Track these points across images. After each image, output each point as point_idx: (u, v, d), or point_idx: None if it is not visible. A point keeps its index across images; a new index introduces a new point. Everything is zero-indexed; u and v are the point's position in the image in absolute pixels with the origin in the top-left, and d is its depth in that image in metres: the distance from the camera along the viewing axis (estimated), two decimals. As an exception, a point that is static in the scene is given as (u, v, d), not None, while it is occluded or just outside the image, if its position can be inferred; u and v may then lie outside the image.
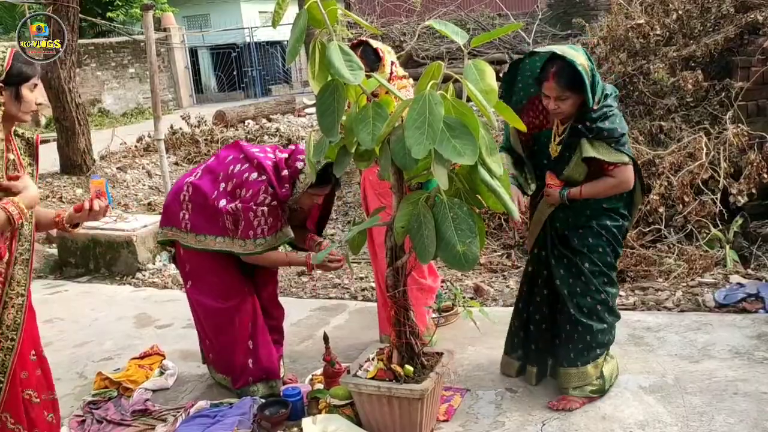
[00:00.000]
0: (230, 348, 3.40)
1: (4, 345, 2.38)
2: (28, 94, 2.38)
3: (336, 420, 2.96)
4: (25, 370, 2.46)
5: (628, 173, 2.97)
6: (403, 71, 3.64)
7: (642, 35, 6.14)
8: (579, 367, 3.13)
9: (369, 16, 12.16)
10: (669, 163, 5.19)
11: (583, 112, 2.93)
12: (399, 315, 2.85)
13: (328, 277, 5.44)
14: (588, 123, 2.92)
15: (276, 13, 2.45)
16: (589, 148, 2.93)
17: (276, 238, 3.22)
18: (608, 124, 2.90)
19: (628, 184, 3.00)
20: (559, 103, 2.90)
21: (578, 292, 3.11)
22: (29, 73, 2.38)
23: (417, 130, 2.29)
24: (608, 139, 2.91)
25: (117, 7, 20.41)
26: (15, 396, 2.43)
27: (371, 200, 3.78)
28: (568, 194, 3.05)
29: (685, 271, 4.62)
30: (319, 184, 3.21)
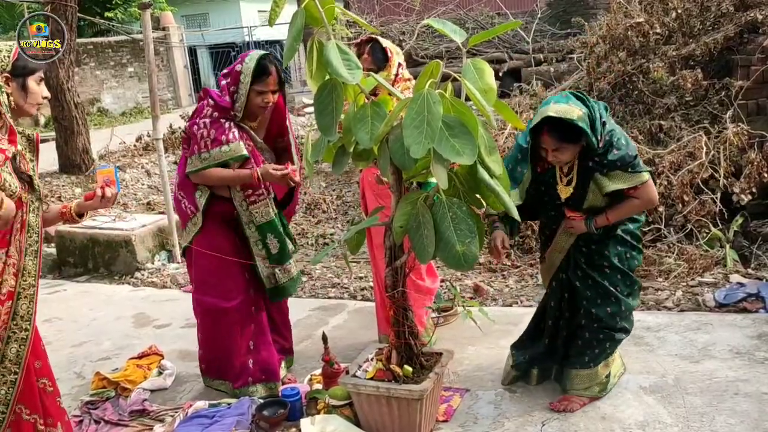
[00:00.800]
0: (230, 348, 3.39)
1: (19, 336, 2.41)
2: (34, 87, 2.44)
3: (334, 420, 2.95)
4: (38, 360, 2.51)
5: (650, 191, 2.91)
6: (409, 74, 3.60)
7: (641, 34, 6.13)
8: (591, 368, 3.12)
9: (368, 14, 12.15)
10: (669, 163, 5.18)
11: (587, 150, 2.87)
12: (398, 315, 2.84)
13: (327, 276, 5.43)
14: (597, 158, 2.87)
15: (273, 11, 2.44)
16: (606, 182, 2.87)
17: (221, 153, 3.17)
18: (618, 153, 2.84)
19: (653, 201, 2.96)
20: (556, 154, 2.87)
21: (606, 306, 3.07)
22: (35, 66, 2.45)
23: (415, 129, 2.27)
24: (622, 167, 2.85)
25: (116, 6, 20.38)
26: (30, 386, 2.47)
27: (370, 200, 3.76)
28: (595, 224, 2.98)
29: (685, 271, 4.61)
30: (259, 76, 3.16)
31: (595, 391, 3.14)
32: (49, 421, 2.52)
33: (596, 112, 2.85)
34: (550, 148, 2.86)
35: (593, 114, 2.83)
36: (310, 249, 6.29)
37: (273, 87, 3.22)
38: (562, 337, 3.26)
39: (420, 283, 3.70)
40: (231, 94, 3.21)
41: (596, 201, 2.96)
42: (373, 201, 3.72)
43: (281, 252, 3.40)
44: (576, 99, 2.87)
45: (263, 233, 3.33)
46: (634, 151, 2.89)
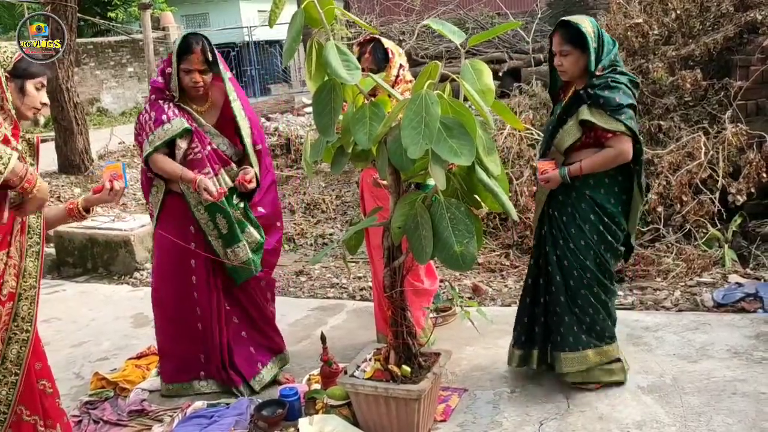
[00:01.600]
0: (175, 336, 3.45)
1: (20, 337, 2.42)
2: (32, 91, 2.45)
3: (333, 420, 2.95)
4: (39, 361, 2.52)
5: (625, 143, 3.00)
6: (411, 77, 3.57)
7: (641, 34, 6.13)
8: (580, 351, 3.17)
9: (368, 15, 12.15)
10: (668, 163, 5.19)
11: (588, 78, 3.04)
12: (396, 315, 2.85)
13: (326, 276, 5.43)
14: (589, 89, 3.02)
15: (272, 12, 2.44)
16: (586, 111, 3.01)
17: (164, 131, 3.22)
18: (607, 93, 2.98)
19: (626, 155, 3.02)
20: (562, 59, 3.07)
21: (572, 282, 3.18)
22: (37, 71, 2.46)
23: (413, 129, 2.28)
24: (605, 106, 2.97)
25: (116, 6, 20.38)
26: (30, 388, 2.48)
27: (368, 201, 3.77)
28: (568, 172, 3.08)
29: (683, 271, 4.61)
30: (183, 54, 3.20)
31: (599, 376, 3.21)
32: (48, 423, 2.53)
33: (605, 41, 3.03)
34: (557, 50, 3.08)
35: (601, 39, 3.02)
36: (309, 249, 6.30)
37: (198, 66, 3.21)
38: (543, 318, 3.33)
39: (417, 284, 3.69)
40: (167, 75, 3.27)
41: (568, 136, 3.08)
42: (371, 202, 3.72)
43: (230, 233, 3.35)
44: (596, 24, 3.07)
45: (212, 213, 3.30)
46: (626, 102, 2.98)
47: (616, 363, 3.24)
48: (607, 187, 3.12)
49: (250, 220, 3.46)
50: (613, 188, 3.12)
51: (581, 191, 3.12)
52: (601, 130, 3.00)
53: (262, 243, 3.49)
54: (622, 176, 3.12)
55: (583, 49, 3.01)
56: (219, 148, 3.35)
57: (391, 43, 3.54)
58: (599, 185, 3.11)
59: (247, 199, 3.46)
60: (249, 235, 3.43)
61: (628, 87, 3.03)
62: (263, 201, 3.56)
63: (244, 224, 3.41)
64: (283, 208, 7.61)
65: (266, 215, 3.56)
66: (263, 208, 3.55)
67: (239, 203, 3.43)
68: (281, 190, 8.27)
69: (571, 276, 3.17)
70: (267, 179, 3.56)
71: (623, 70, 3.08)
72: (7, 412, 2.42)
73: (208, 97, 3.37)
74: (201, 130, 3.31)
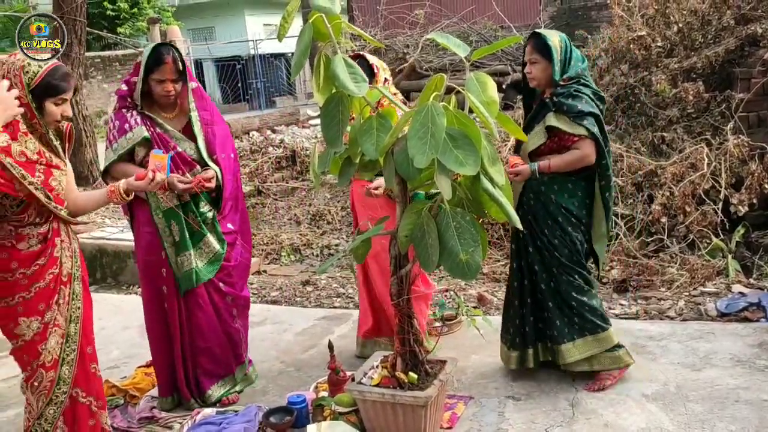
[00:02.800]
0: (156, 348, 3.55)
1: (76, 314, 2.65)
2: (51, 108, 2.55)
3: (340, 427, 2.99)
4: (89, 345, 2.71)
5: (588, 146, 3.23)
6: (395, 89, 3.71)
7: (643, 47, 6.19)
8: (576, 339, 3.35)
9: (372, 28, 12.25)
10: (671, 174, 5.23)
11: (554, 87, 3.28)
12: (403, 323, 2.89)
13: (332, 286, 5.47)
14: (554, 97, 3.26)
15: (281, 26, 2.51)
16: (552, 118, 3.24)
17: (127, 140, 3.30)
18: (570, 101, 3.22)
19: (590, 157, 3.25)
20: (531, 67, 3.33)
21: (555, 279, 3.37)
22: (59, 89, 2.54)
23: (420, 140, 2.34)
24: (568, 113, 3.20)
25: (124, 21, 20.60)
26: (85, 370, 2.66)
27: (359, 211, 3.84)
28: (538, 167, 3.28)
29: (687, 281, 4.65)
30: (155, 65, 3.27)
31: (606, 363, 3.34)
32: (99, 404, 2.71)
33: (574, 56, 3.29)
34: (527, 59, 3.36)
35: (568, 53, 3.28)
36: (315, 260, 6.35)
37: (171, 75, 3.30)
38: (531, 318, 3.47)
39: (416, 288, 3.74)
40: (131, 84, 3.36)
41: (534, 139, 3.29)
42: (362, 212, 3.79)
43: (182, 240, 3.39)
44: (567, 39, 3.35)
45: (168, 219, 3.36)
46: (587, 110, 3.20)
47: (620, 349, 3.37)
48: (570, 191, 3.33)
49: (216, 231, 3.48)
50: (576, 192, 3.34)
51: (547, 195, 3.33)
52: (566, 135, 3.23)
53: (222, 254, 3.49)
54: (585, 182, 3.34)
55: (550, 60, 3.25)
56: (185, 152, 3.39)
57: (375, 58, 3.65)
58: (563, 189, 3.32)
59: (217, 209, 3.49)
60: (207, 245, 3.45)
61: (591, 98, 3.25)
62: (232, 218, 3.57)
63: (202, 234, 3.43)
64: (289, 219, 7.68)
65: (234, 232, 3.57)
66: (232, 225, 3.56)
67: (208, 212, 3.46)
68: (287, 201, 8.34)
69: (552, 273, 3.36)
70: (232, 190, 3.54)
71: (588, 83, 3.31)
72: (66, 391, 2.57)
73: (177, 105, 3.45)
74: (166, 135, 3.37)
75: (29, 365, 2.57)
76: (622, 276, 4.81)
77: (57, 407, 2.56)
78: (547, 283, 3.38)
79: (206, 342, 3.49)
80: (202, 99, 3.50)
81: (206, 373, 3.53)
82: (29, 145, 2.52)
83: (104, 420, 2.75)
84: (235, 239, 3.58)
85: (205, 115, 3.49)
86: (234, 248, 3.57)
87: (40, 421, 2.56)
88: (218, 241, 3.49)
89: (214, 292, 3.51)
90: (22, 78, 2.46)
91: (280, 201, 8.52)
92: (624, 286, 4.73)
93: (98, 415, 2.71)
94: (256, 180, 9.43)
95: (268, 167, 9.78)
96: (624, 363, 3.38)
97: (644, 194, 5.36)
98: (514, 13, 14.27)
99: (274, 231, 7.12)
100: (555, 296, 3.38)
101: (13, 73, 2.47)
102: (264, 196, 8.78)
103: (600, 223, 3.39)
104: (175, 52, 3.33)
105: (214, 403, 3.48)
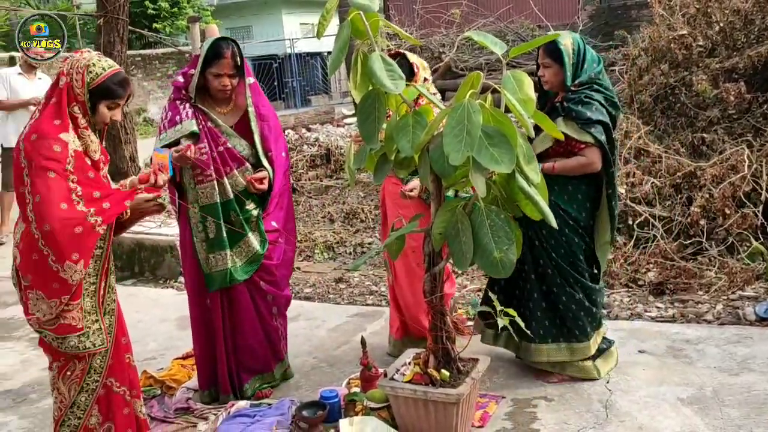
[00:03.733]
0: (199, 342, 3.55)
1: (111, 307, 2.67)
2: (104, 111, 2.60)
3: (372, 422, 3.01)
4: (124, 336, 2.74)
5: (594, 154, 3.24)
6: (435, 89, 3.68)
7: (684, 46, 6.09)
8: (550, 343, 3.40)
9: (408, 27, 12.26)
10: (711, 176, 5.14)
11: (566, 92, 3.28)
12: (436, 320, 2.90)
13: (365, 284, 5.51)
14: (564, 103, 3.26)
15: (320, 24, 2.55)
16: (561, 123, 3.20)
17: (176, 131, 3.30)
18: (580, 108, 3.21)
19: (595, 165, 3.26)
20: (544, 70, 3.33)
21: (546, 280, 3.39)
22: (116, 94, 2.60)
23: (455, 137, 2.35)
24: (576, 120, 3.21)
25: (164, 19, 20.96)
26: (120, 360, 2.69)
27: (390, 207, 3.85)
28: (542, 168, 3.23)
29: (725, 284, 4.56)
30: (213, 59, 3.25)
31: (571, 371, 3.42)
32: (133, 393, 2.75)
33: (588, 58, 3.26)
34: (540, 62, 3.35)
35: (583, 56, 3.26)
36: (348, 257, 6.39)
37: (228, 70, 3.28)
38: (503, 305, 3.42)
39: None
40: (188, 76, 3.37)
41: (541, 143, 3.28)
42: (393, 209, 3.80)
43: (218, 238, 3.35)
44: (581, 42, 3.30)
45: (204, 215, 3.34)
46: (596, 118, 3.20)
47: (587, 361, 3.41)
48: (570, 194, 3.33)
49: (260, 230, 3.46)
50: (575, 195, 3.34)
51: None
52: (574, 141, 3.22)
53: (261, 255, 3.44)
54: (586, 186, 3.34)
55: (562, 64, 3.24)
56: (235, 148, 3.37)
57: (415, 57, 3.63)
58: (562, 191, 3.32)
59: (262, 208, 3.47)
60: (247, 244, 3.41)
61: (602, 104, 3.24)
62: (276, 215, 3.52)
63: (243, 234, 3.38)
64: (323, 217, 7.74)
65: (278, 230, 3.53)
66: (276, 223, 3.51)
67: (253, 210, 3.44)
68: (321, 199, 8.41)
69: (545, 274, 3.38)
70: (280, 188, 3.51)
71: (601, 89, 3.28)
72: (99, 380, 2.61)
73: (231, 100, 3.44)
74: (217, 130, 3.35)
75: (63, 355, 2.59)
76: (658, 278, 4.74)
77: (89, 395, 2.61)
78: (534, 283, 3.40)
79: (246, 340, 3.49)
80: (259, 95, 3.48)
81: (246, 369, 3.54)
82: (92, 140, 2.59)
83: (138, 408, 2.79)
84: (278, 237, 3.54)
85: (262, 110, 3.46)
86: (276, 247, 3.53)
87: (73, 409, 2.60)
88: (260, 241, 3.45)
89: (254, 290, 3.48)
90: (84, 76, 2.51)
91: (314, 199, 8.59)
92: (661, 289, 4.66)
93: (132, 403, 2.76)
94: (291, 178, 9.52)
95: (302, 165, 9.87)
96: (589, 376, 3.41)
97: (683, 196, 5.28)
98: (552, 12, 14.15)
99: (308, 228, 7.18)
100: (541, 297, 3.40)
101: (75, 70, 2.52)
102: (298, 194, 8.86)
103: (605, 230, 3.39)
104: (234, 47, 3.31)
105: (249, 397, 3.51)
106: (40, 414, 3.58)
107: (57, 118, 2.48)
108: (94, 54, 2.60)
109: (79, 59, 2.55)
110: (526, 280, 3.43)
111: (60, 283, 2.43)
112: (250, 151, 3.43)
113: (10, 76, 6.77)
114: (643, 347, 3.80)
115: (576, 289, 3.35)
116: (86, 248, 2.46)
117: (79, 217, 2.43)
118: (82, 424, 2.61)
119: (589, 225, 3.38)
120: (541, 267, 3.38)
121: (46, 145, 2.42)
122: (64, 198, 2.42)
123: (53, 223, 2.38)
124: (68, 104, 2.51)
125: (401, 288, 3.81)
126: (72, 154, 2.46)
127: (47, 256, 2.40)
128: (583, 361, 3.40)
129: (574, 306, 3.36)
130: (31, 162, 2.42)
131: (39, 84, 6.84)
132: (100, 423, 2.64)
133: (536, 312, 3.40)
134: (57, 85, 2.55)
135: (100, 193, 2.52)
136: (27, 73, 6.82)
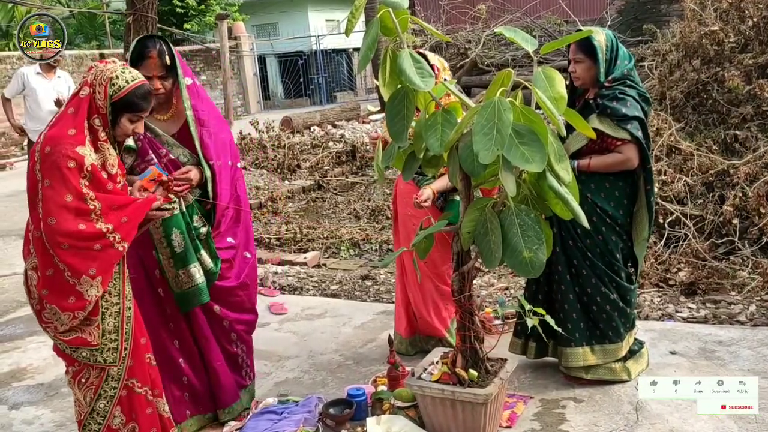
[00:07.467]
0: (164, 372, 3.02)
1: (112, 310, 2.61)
2: (126, 123, 2.57)
3: (399, 421, 3.00)
4: (143, 337, 2.72)
5: (631, 150, 3.19)
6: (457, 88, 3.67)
7: (716, 42, 5.98)
8: (584, 345, 3.34)
9: (434, 23, 12.22)
10: (744, 174, 5.05)
11: (599, 88, 3.23)
12: (464, 319, 2.88)
13: (391, 281, 5.49)
14: (598, 99, 3.21)
15: (349, 21, 2.53)
16: (595, 120, 3.16)
17: None
18: (615, 104, 3.16)
19: (632, 161, 3.21)
20: (575, 66, 3.27)
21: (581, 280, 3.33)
22: (138, 107, 2.56)
23: (485, 135, 2.32)
24: (612, 116, 3.16)
25: (191, 17, 21.17)
26: (140, 361, 2.67)
27: (400, 205, 3.85)
28: (578, 165, 3.23)
29: (759, 285, 4.47)
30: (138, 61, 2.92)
31: (601, 373, 3.36)
32: (155, 392, 2.75)
33: (620, 54, 3.21)
34: (571, 57, 3.29)
35: (615, 52, 3.20)
36: (373, 254, 6.39)
37: (157, 72, 2.95)
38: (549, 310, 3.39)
39: (443, 287, 3.73)
40: None
41: (575, 142, 3.23)
42: (402, 206, 3.81)
43: (186, 251, 3.02)
44: (614, 37, 3.26)
45: (168, 229, 2.98)
46: (632, 114, 3.15)
47: (618, 363, 3.37)
48: (607, 191, 3.27)
49: (209, 248, 3.12)
50: (613, 192, 3.27)
51: (583, 194, 3.17)
52: (609, 138, 3.18)
53: (215, 273, 3.12)
54: (623, 182, 3.28)
55: (595, 59, 3.19)
56: (179, 159, 3.06)
57: (436, 57, 3.61)
58: (599, 189, 3.26)
59: (211, 225, 3.15)
60: (201, 261, 3.09)
61: (636, 100, 3.19)
62: (233, 231, 3.23)
63: (199, 246, 3.08)
64: (348, 214, 7.76)
65: (234, 246, 3.22)
66: (233, 239, 3.22)
67: (201, 227, 3.11)
68: (346, 196, 8.42)
69: (579, 275, 3.33)
70: (228, 201, 3.18)
71: (634, 84, 3.23)
72: (117, 387, 2.60)
73: (172, 104, 3.12)
74: (157, 141, 3.04)
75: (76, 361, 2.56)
76: (690, 279, 4.66)
77: (107, 401, 2.58)
78: (568, 284, 3.34)
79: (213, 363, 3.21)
80: (198, 97, 3.12)
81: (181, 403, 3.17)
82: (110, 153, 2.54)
83: (161, 407, 2.77)
84: (235, 255, 3.22)
85: (201, 114, 3.11)
86: (233, 266, 3.21)
87: (93, 415, 2.59)
88: (212, 257, 3.13)
89: (209, 315, 3.17)
90: (107, 89, 2.48)
91: (340, 195, 8.61)
92: (692, 289, 4.59)
93: (155, 403, 2.74)
94: (317, 174, 9.56)
95: (328, 162, 9.89)
96: (618, 378, 3.37)
97: (715, 194, 5.18)
98: (579, 7, 14.00)
99: (333, 225, 7.20)
100: (576, 298, 3.34)
101: (99, 81, 2.49)
102: (324, 190, 8.87)
103: (643, 227, 3.33)
104: (162, 45, 2.98)
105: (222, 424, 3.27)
106: (71, 408, 3.61)
107: (73, 128, 2.45)
108: (119, 65, 2.55)
109: (103, 70, 2.50)
110: (560, 282, 3.38)
111: (76, 296, 2.43)
112: (194, 161, 3.09)
113: (29, 76, 6.75)
114: (675, 348, 3.73)
115: (611, 289, 3.31)
116: (105, 264, 2.46)
117: (97, 233, 2.43)
118: (104, 427, 2.61)
119: (626, 222, 3.32)
120: (575, 267, 3.34)
121: (60, 161, 2.39)
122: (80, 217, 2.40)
123: (68, 240, 2.38)
124: (89, 116, 2.48)
125: (411, 286, 3.81)
126: (88, 168, 2.43)
127: (63, 271, 2.41)
128: (615, 362, 3.36)
129: (608, 306, 3.31)
130: (44, 178, 2.40)
131: (58, 83, 6.83)
132: (123, 423, 2.63)
133: (572, 314, 3.35)
134: (78, 95, 2.52)
135: (118, 206, 2.50)
136: (46, 72, 6.75)
